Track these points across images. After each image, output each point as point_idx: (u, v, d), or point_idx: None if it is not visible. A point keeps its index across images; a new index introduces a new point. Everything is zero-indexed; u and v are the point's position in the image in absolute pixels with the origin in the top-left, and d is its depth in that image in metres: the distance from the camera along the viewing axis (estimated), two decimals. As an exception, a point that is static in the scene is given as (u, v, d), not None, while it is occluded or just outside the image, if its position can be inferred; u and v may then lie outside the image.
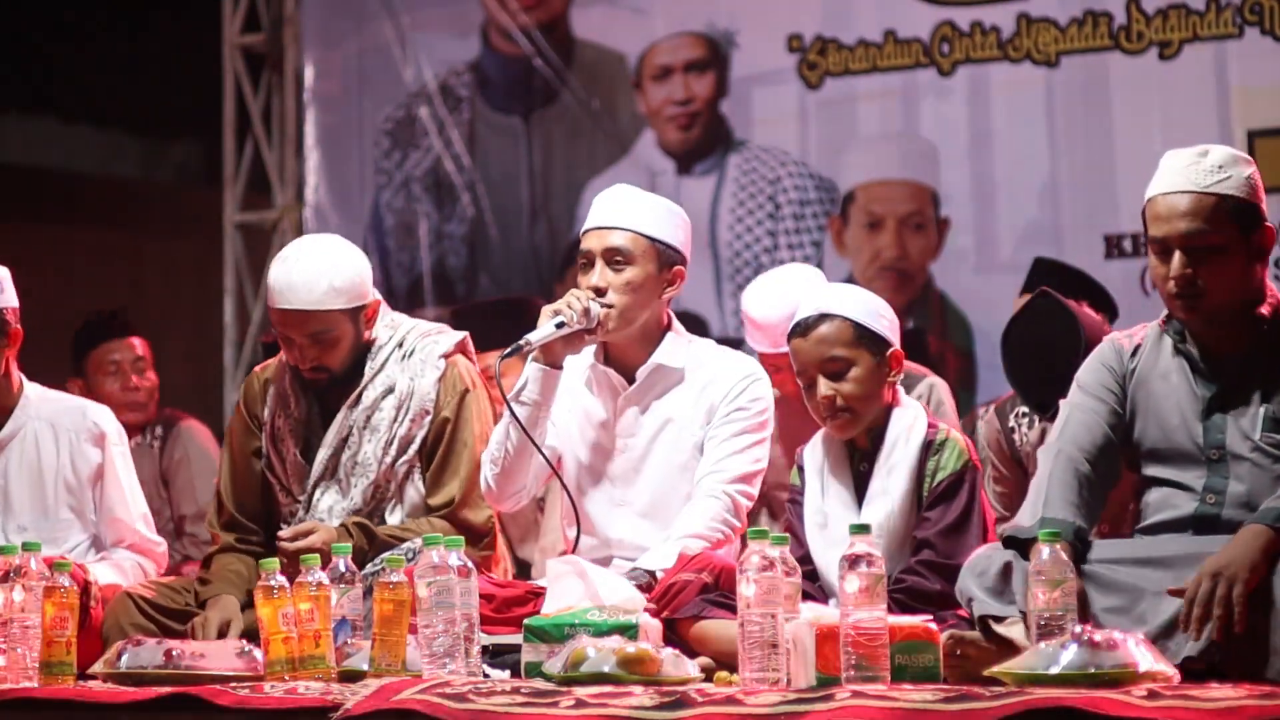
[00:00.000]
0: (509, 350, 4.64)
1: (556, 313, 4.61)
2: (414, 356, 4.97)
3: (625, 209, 4.72)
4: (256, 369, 5.17)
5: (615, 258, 4.67)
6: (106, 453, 5.24)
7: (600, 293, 4.64)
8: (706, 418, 4.68)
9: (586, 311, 4.61)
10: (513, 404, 4.64)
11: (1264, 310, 4.02)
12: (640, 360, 4.73)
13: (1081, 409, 4.14)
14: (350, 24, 8.79)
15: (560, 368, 4.66)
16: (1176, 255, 3.97)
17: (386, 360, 4.96)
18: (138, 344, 6.94)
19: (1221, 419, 4.01)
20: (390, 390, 4.93)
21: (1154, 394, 4.10)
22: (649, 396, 4.73)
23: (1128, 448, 4.13)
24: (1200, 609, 3.72)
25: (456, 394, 4.93)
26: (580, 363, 4.81)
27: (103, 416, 5.29)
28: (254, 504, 5.05)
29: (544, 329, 4.60)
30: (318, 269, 4.84)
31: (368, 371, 4.95)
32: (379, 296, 5.00)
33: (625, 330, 4.69)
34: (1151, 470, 4.10)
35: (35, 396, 5.26)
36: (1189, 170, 3.99)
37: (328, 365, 4.91)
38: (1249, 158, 4.04)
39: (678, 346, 4.74)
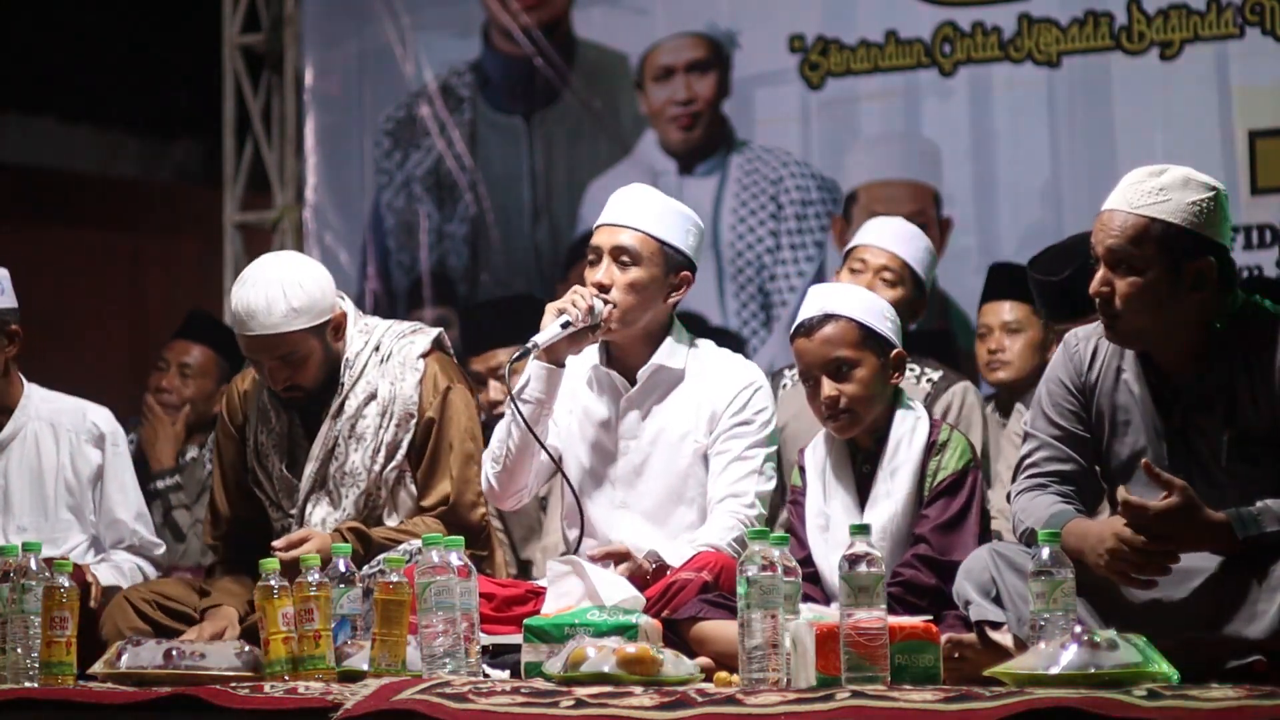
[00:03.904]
0: (518, 354, 4.64)
1: (561, 311, 4.61)
2: (392, 360, 4.93)
3: (638, 209, 4.71)
4: (236, 379, 5.15)
5: (622, 256, 4.67)
6: (106, 454, 5.25)
7: (604, 289, 4.65)
8: (709, 426, 4.68)
9: (591, 309, 4.61)
10: (516, 401, 4.63)
11: (1214, 329, 3.92)
12: (642, 362, 4.73)
13: (1046, 446, 4.09)
14: (350, 24, 8.77)
15: (563, 365, 4.66)
16: (1100, 270, 3.95)
17: (365, 367, 4.92)
18: (196, 350, 6.84)
19: (1184, 444, 3.96)
20: (372, 397, 4.91)
21: (1118, 410, 4.05)
22: (650, 399, 4.73)
23: (1098, 461, 4.09)
24: (1137, 558, 3.78)
25: (439, 393, 4.91)
26: (582, 364, 4.80)
27: (102, 417, 5.30)
28: (248, 513, 5.04)
29: (550, 330, 4.60)
30: (275, 292, 4.79)
31: (347, 380, 4.91)
32: (345, 307, 4.96)
33: (628, 330, 4.69)
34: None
35: (36, 397, 5.26)
36: (1131, 189, 3.92)
37: (300, 384, 4.88)
38: (1210, 184, 3.91)
39: (679, 348, 4.74)
